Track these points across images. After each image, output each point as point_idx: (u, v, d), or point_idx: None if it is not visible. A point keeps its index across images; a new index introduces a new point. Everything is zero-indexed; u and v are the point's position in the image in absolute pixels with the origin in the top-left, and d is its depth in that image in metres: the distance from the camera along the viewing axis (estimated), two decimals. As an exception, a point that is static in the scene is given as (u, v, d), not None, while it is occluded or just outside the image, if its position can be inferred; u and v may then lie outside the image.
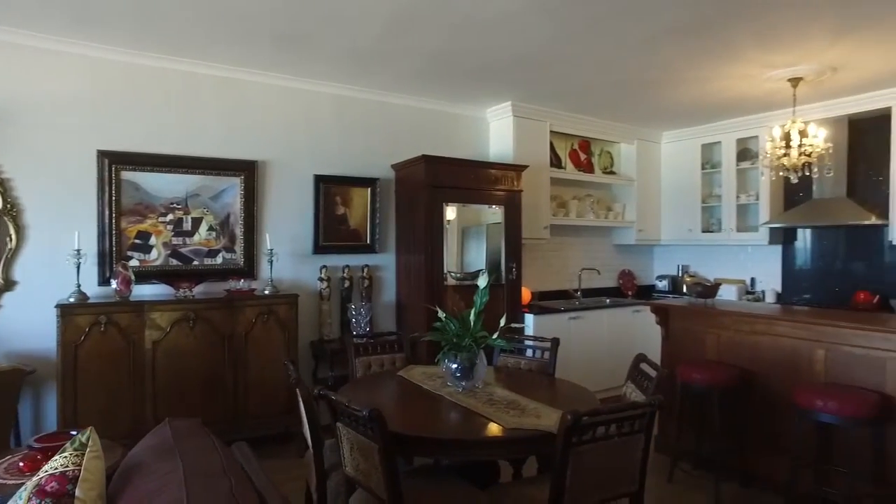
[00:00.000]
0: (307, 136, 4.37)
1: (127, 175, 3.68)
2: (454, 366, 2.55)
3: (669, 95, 4.68)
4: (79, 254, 3.37)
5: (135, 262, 3.69)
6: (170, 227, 3.84)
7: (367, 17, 3.13)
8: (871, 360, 2.90)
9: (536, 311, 4.87)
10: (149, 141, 3.77)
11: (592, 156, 5.96)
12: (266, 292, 3.89)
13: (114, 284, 3.49)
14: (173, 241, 3.85)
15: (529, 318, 4.81)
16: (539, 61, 3.87)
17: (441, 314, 2.58)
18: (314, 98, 4.39)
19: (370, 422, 1.87)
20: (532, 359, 3.19)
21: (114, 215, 3.64)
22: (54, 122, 3.50)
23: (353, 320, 4.22)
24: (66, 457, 1.48)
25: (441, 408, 2.41)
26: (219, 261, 4.01)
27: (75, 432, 2.21)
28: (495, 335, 2.57)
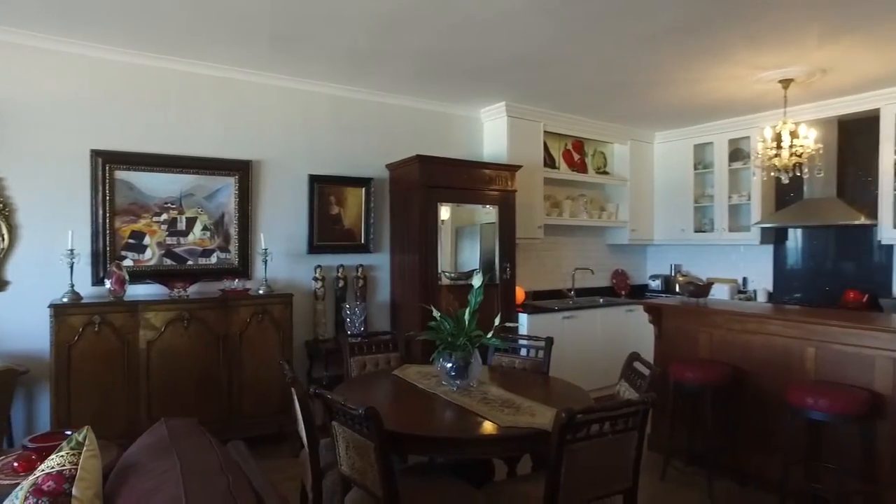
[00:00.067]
0: (302, 136, 4.37)
1: (121, 174, 3.67)
2: (449, 365, 2.55)
3: (662, 96, 4.71)
4: (72, 253, 3.36)
5: (129, 262, 3.68)
6: (164, 226, 3.83)
7: (362, 18, 3.14)
8: (861, 357, 2.94)
9: (530, 311, 4.89)
10: (143, 140, 3.76)
11: (586, 156, 5.99)
12: (260, 292, 3.89)
13: (108, 284, 3.48)
14: (167, 240, 3.85)
15: (523, 318, 4.83)
16: (533, 62, 3.89)
17: (436, 313, 2.60)
18: (308, 98, 4.39)
19: (366, 420, 1.88)
20: (526, 358, 3.20)
21: (107, 215, 3.63)
22: (47, 121, 3.49)
23: (347, 320, 4.23)
24: (62, 456, 1.47)
25: (436, 406, 2.42)
26: (213, 260, 4.01)
27: (70, 432, 2.21)
28: (490, 334, 2.58)
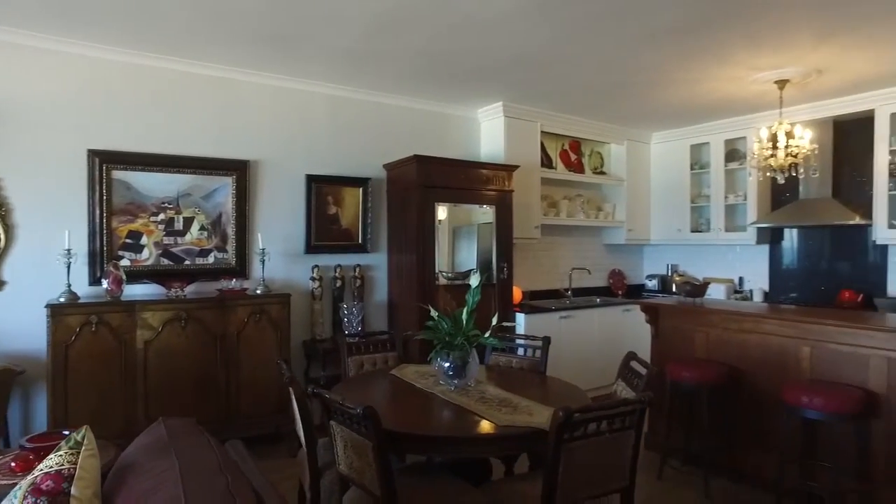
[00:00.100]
0: (299, 136, 4.37)
1: (118, 174, 3.67)
2: (447, 364, 2.56)
3: (659, 96, 4.73)
4: (69, 253, 3.35)
5: (126, 262, 3.68)
6: (161, 226, 3.83)
7: (360, 18, 3.14)
8: (855, 356, 2.96)
9: (527, 311, 4.90)
10: (140, 140, 3.75)
11: (583, 156, 6.01)
12: (258, 292, 3.89)
13: (105, 284, 3.47)
14: (165, 240, 3.84)
15: (521, 318, 4.84)
16: (530, 63, 3.90)
17: (434, 313, 2.60)
18: (306, 98, 4.39)
19: (364, 419, 1.89)
20: (524, 357, 3.21)
21: (104, 215, 3.62)
22: (44, 121, 3.48)
23: (344, 320, 4.23)
24: (61, 455, 1.48)
25: (434, 406, 2.43)
26: (210, 260, 4.00)
27: (67, 432, 2.21)
28: (487, 334, 2.59)
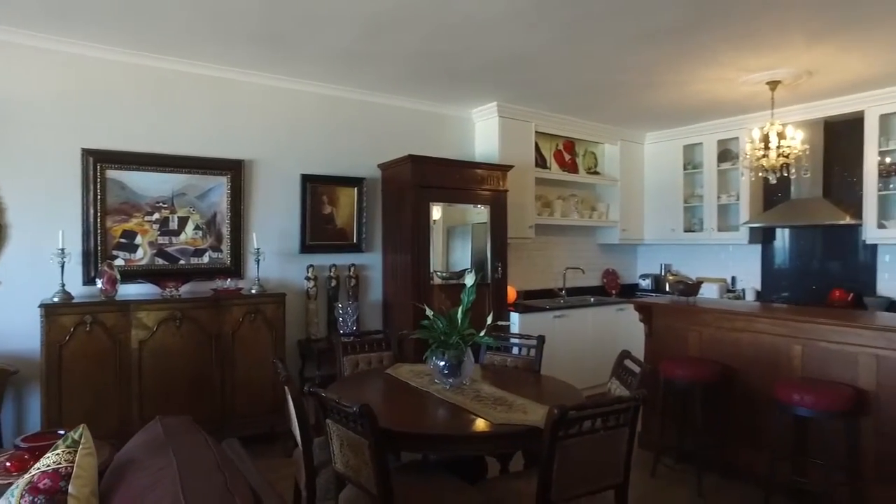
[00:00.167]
0: (294, 136, 4.37)
1: (112, 174, 3.66)
2: (442, 363, 2.57)
3: (652, 97, 4.76)
4: (63, 253, 3.34)
5: (120, 262, 3.67)
6: (156, 226, 3.82)
7: (355, 18, 3.15)
8: (845, 355, 2.99)
9: (522, 310, 4.92)
10: (135, 140, 3.74)
11: (577, 156, 6.03)
12: (253, 291, 3.89)
13: (99, 284, 3.46)
14: (159, 240, 3.83)
15: (515, 317, 4.86)
16: (524, 63, 3.92)
17: (429, 312, 2.61)
18: (301, 98, 4.39)
19: (360, 417, 1.90)
20: (518, 356, 3.23)
21: (99, 214, 3.61)
22: (38, 120, 3.46)
23: (340, 319, 4.24)
24: (58, 454, 1.48)
25: (429, 404, 2.44)
26: (205, 260, 4.00)
27: (63, 432, 2.20)
28: (482, 333, 2.61)
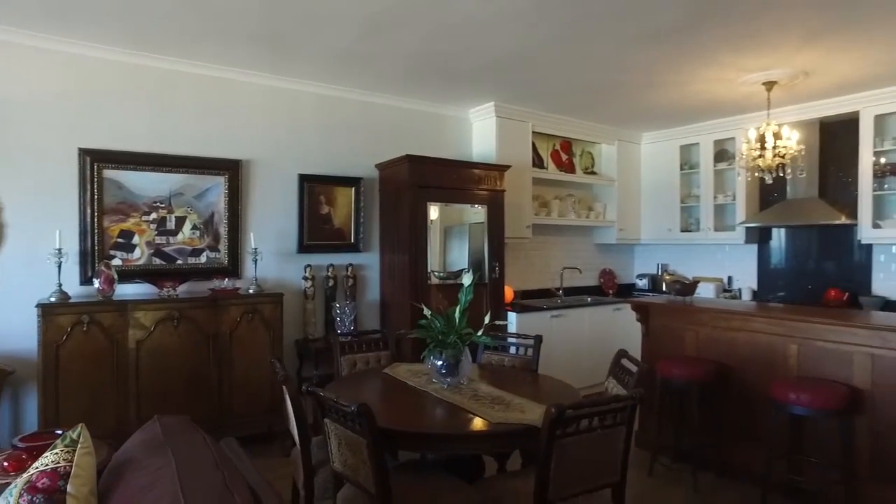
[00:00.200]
0: (292, 136, 4.37)
1: (109, 173, 3.65)
2: (439, 362, 2.58)
3: (650, 97, 4.77)
4: (60, 253, 3.33)
5: (118, 262, 3.66)
6: (153, 225, 3.82)
7: (353, 18, 3.16)
8: (840, 353, 3.01)
9: (519, 310, 4.93)
10: (132, 139, 3.74)
11: (574, 156, 6.05)
12: (250, 291, 3.89)
13: (96, 284, 3.46)
14: (157, 240, 3.83)
15: (512, 317, 4.87)
16: (522, 64, 3.93)
17: (427, 311, 2.62)
18: (299, 97, 4.39)
19: (358, 417, 1.90)
20: (515, 356, 3.24)
21: (96, 214, 3.61)
22: (35, 119, 3.46)
23: (337, 319, 4.24)
24: (56, 453, 1.48)
25: (427, 404, 2.45)
26: (203, 260, 4.00)
27: (60, 431, 2.21)
28: (480, 332, 2.61)
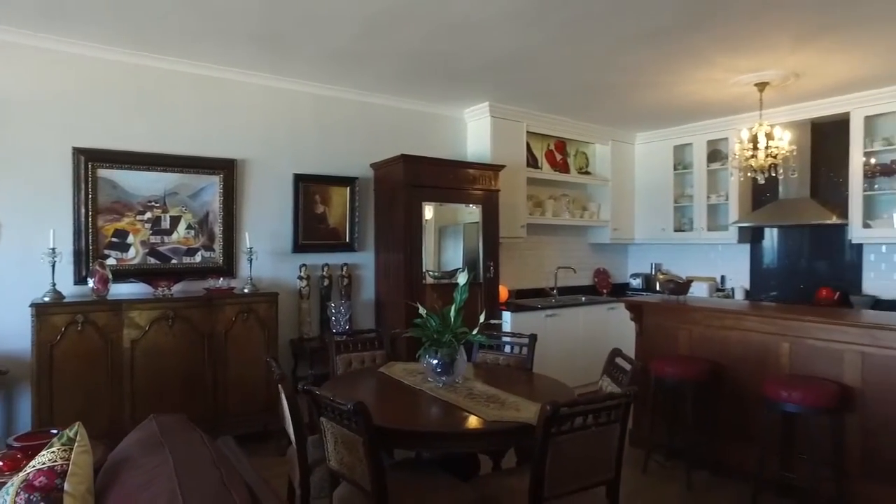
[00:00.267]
0: (287, 135, 4.37)
1: (104, 173, 3.64)
2: (434, 361, 2.59)
3: (642, 98, 4.80)
4: (54, 252, 3.32)
5: (112, 261, 3.66)
6: (148, 225, 3.81)
7: (350, 19, 3.16)
8: (831, 352, 3.05)
9: (514, 309, 4.95)
10: (126, 138, 3.73)
11: (568, 156, 6.07)
12: (245, 291, 3.89)
13: (91, 283, 3.45)
14: (151, 239, 3.82)
15: (507, 316, 4.89)
16: (516, 64, 3.94)
17: (422, 310, 2.63)
18: (294, 97, 4.39)
19: (355, 415, 1.91)
20: (510, 355, 3.25)
21: (90, 213, 3.60)
22: (29, 118, 3.44)
23: (332, 318, 4.24)
24: (53, 452, 1.48)
25: (422, 402, 2.46)
26: (198, 259, 3.99)
27: (55, 431, 2.20)
28: (475, 331, 2.62)
